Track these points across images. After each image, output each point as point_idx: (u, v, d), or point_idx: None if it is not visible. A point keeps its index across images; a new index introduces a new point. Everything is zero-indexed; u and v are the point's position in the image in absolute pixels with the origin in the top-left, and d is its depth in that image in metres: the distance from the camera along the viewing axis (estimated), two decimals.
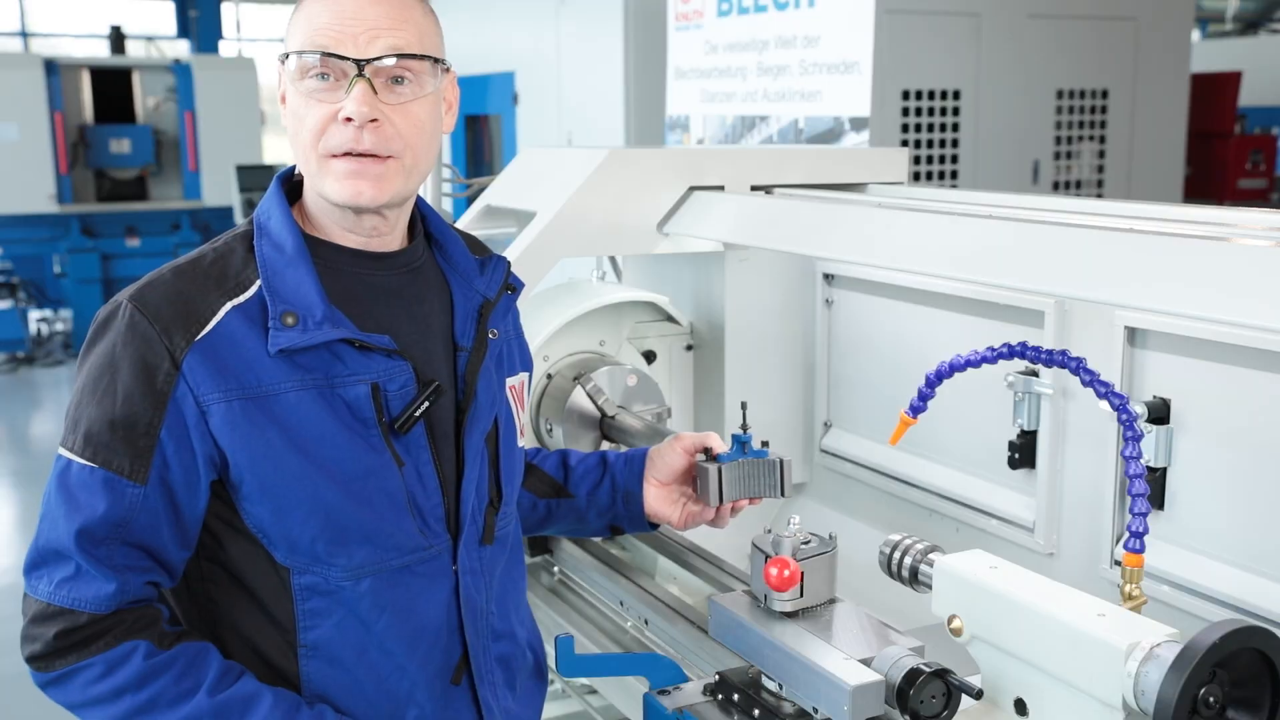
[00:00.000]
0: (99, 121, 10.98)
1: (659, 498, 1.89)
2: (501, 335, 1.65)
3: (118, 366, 1.40)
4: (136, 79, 11.19)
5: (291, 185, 1.57)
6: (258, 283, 1.46)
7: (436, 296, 1.60)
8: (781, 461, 1.86)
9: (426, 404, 1.50)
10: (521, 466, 1.74)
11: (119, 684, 1.39)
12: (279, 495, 1.43)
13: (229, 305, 1.44)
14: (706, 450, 1.88)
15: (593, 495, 1.90)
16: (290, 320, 1.43)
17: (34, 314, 11.07)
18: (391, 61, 1.44)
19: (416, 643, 1.53)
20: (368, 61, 1.43)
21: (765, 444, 1.88)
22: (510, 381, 1.69)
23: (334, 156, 1.44)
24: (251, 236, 1.51)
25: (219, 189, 10.85)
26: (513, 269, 1.72)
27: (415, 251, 1.60)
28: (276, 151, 13.63)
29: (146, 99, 11.22)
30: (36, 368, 10.14)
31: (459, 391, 1.57)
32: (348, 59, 1.42)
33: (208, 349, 1.40)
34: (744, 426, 1.87)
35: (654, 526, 1.93)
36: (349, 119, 1.42)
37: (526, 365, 1.78)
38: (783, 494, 1.86)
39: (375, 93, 1.43)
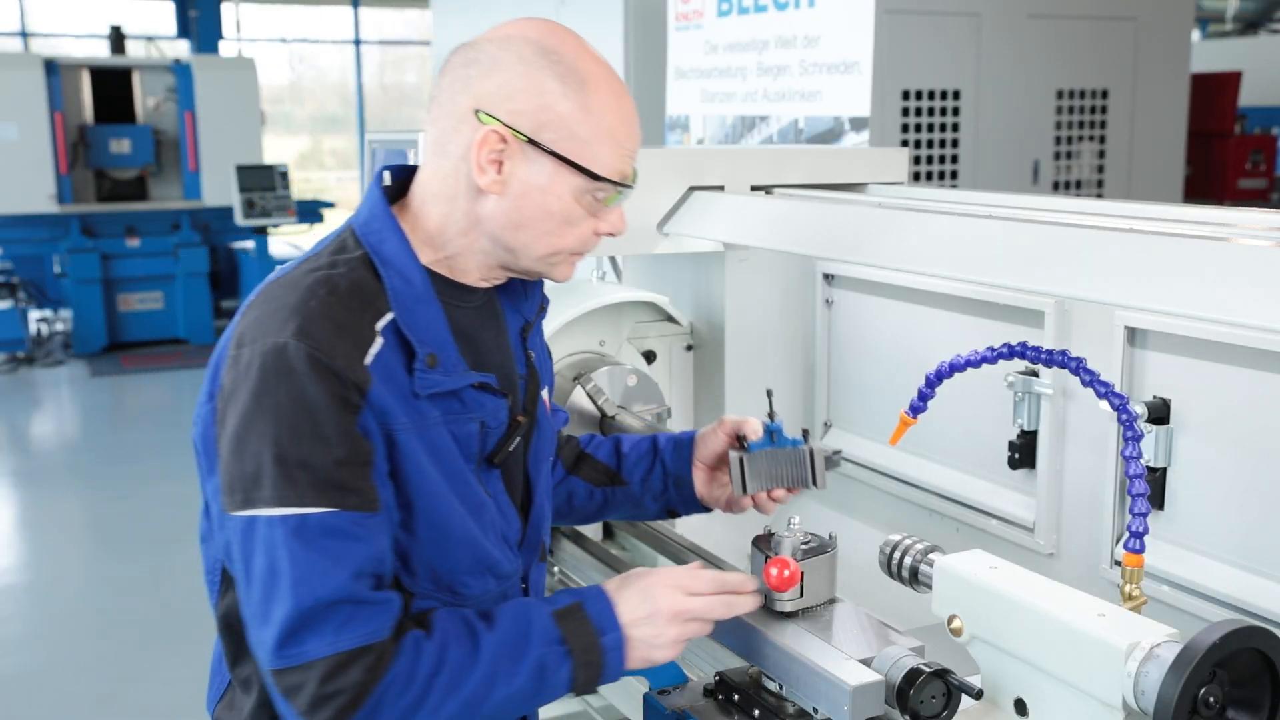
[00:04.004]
0: (99, 121, 10.96)
1: (705, 481, 1.87)
2: (538, 355, 1.67)
3: (314, 407, 1.36)
4: (136, 79, 11.17)
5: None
6: (390, 314, 1.45)
7: (501, 324, 1.61)
8: (811, 451, 1.78)
9: (519, 439, 1.56)
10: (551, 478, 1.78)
11: (423, 677, 1.38)
12: (436, 526, 1.46)
13: (379, 327, 1.43)
14: (740, 437, 1.82)
15: (646, 481, 1.90)
16: (431, 361, 1.45)
17: (34, 314, 11.07)
18: None
19: None
20: (631, 186, 1.51)
21: (805, 432, 1.80)
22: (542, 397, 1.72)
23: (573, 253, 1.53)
24: (368, 259, 1.48)
25: (219, 189, 10.82)
26: None
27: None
28: (276, 151, 13.64)
29: (146, 99, 11.21)
30: (36, 368, 10.13)
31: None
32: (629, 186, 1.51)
33: (379, 373, 1.41)
34: (771, 414, 1.80)
35: (708, 509, 1.91)
36: (610, 234, 1.52)
37: (550, 379, 1.79)
38: (815, 484, 1.78)
39: None
